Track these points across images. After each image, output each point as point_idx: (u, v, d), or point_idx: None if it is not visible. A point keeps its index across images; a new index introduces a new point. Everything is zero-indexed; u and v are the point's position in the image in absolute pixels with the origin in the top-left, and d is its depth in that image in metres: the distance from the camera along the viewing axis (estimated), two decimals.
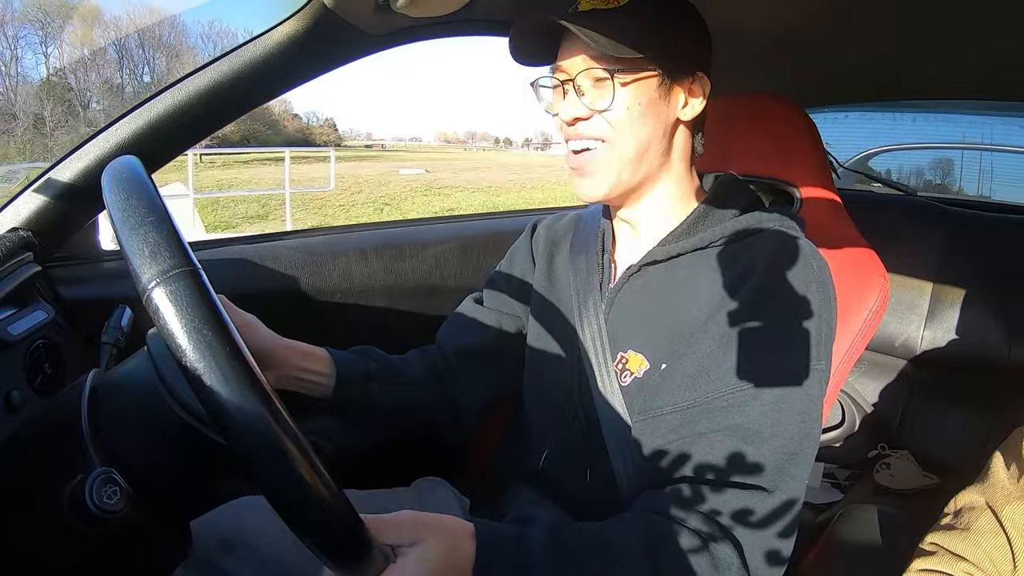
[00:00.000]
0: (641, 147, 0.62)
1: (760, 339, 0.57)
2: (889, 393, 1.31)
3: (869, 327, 0.74)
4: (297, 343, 0.68)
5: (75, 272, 0.86)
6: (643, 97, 0.60)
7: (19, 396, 0.63)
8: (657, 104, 0.61)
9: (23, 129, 16.54)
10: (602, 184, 0.63)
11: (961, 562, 0.65)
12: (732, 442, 0.55)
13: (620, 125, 0.60)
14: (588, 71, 0.60)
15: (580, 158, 0.63)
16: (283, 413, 0.40)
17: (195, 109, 0.77)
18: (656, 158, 0.63)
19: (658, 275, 0.65)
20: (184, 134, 0.80)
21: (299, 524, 0.41)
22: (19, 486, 0.47)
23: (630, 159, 0.62)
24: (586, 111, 0.61)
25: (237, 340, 0.39)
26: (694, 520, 0.54)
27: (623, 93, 0.60)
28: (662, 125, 0.62)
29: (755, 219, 0.63)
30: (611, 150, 0.61)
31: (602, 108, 0.60)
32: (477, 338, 0.78)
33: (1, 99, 18.97)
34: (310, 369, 0.68)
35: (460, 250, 1.15)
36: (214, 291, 0.41)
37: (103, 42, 21.88)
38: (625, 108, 0.60)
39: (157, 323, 0.38)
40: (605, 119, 0.60)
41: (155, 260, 0.39)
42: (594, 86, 0.60)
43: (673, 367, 0.60)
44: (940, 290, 1.26)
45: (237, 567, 0.62)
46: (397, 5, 0.71)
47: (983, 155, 1.76)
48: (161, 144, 0.79)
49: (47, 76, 21.41)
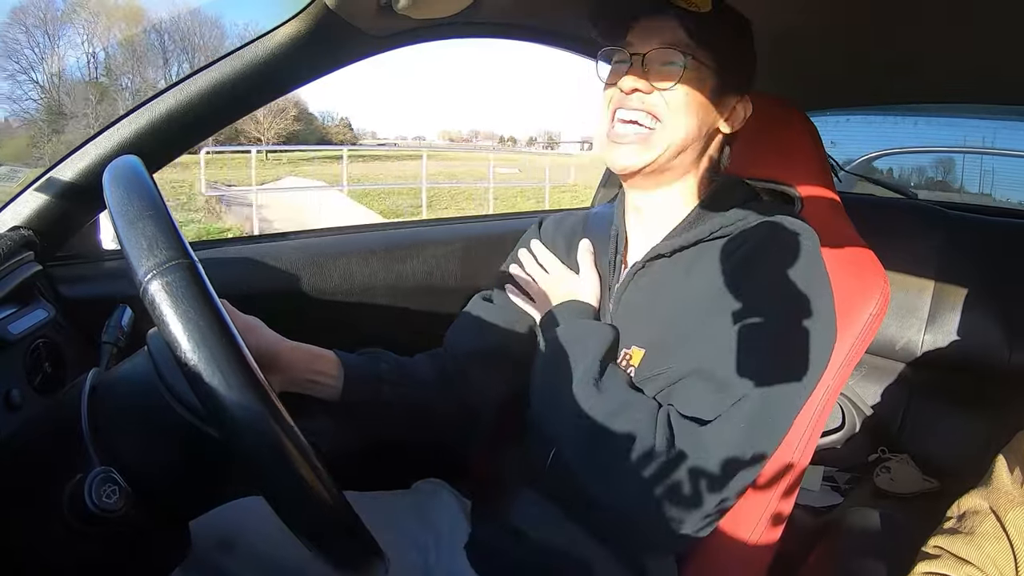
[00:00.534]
0: (687, 138, 0.65)
1: (749, 313, 0.59)
2: (889, 396, 1.30)
3: (869, 330, 0.74)
4: (303, 345, 0.68)
5: (76, 271, 0.86)
6: (699, 95, 0.64)
7: (19, 395, 0.63)
8: (707, 107, 0.65)
9: (77, 127, 16.59)
10: (643, 157, 0.65)
11: (965, 566, 0.64)
12: (705, 386, 0.58)
13: (675, 108, 0.64)
14: (662, 50, 0.64)
15: (627, 128, 0.65)
16: (278, 406, 0.40)
17: (197, 109, 0.77)
18: (693, 154, 0.67)
19: (662, 270, 0.67)
20: (185, 134, 0.80)
21: (298, 524, 0.41)
22: (18, 485, 0.47)
23: (674, 145, 0.65)
24: (647, 86, 0.64)
25: (233, 332, 0.39)
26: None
27: (687, 80, 0.63)
28: (706, 126, 0.66)
29: (756, 210, 0.66)
30: (660, 132, 0.64)
31: (664, 87, 0.63)
32: (487, 338, 0.77)
33: (50, 99, 19.02)
34: (319, 370, 0.68)
35: (462, 251, 1.15)
36: (215, 292, 0.41)
37: (145, 42, 21.90)
38: (684, 94, 0.64)
39: (153, 314, 0.38)
40: (663, 97, 0.63)
41: (152, 253, 0.39)
42: (660, 67, 0.64)
43: (664, 342, 0.64)
44: (941, 293, 1.26)
45: (236, 567, 0.62)
46: (399, 7, 0.71)
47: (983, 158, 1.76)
48: (162, 144, 0.79)
49: (95, 77, 21.45)
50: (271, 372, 0.64)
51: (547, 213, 0.87)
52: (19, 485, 0.47)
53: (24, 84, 19.05)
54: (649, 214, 0.70)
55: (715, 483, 0.57)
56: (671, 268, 0.66)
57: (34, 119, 18.13)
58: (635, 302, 0.68)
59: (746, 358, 0.58)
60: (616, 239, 0.73)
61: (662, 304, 0.65)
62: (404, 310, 1.09)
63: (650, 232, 0.70)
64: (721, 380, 0.58)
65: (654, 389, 0.63)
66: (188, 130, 0.80)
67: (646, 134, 0.64)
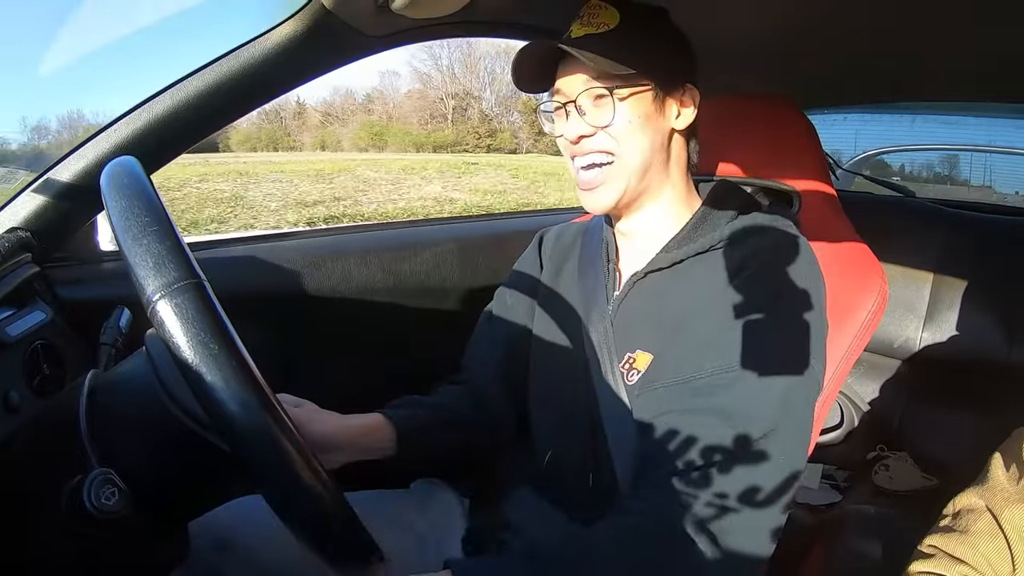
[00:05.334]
0: (645, 158, 0.65)
1: (751, 326, 0.59)
2: (888, 394, 1.31)
3: (867, 328, 0.74)
4: (353, 420, 0.67)
5: (74, 273, 0.86)
6: (640, 110, 0.64)
7: (18, 397, 0.63)
8: (653, 116, 0.65)
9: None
10: (611, 196, 0.65)
11: (959, 565, 0.64)
12: (715, 422, 0.56)
13: (623, 138, 0.63)
14: (588, 90, 0.63)
15: (589, 174, 0.65)
16: (289, 424, 0.40)
17: (194, 110, 0.77)
18: (658, 167, 0.67)
19: (662, 280, 0.67)
20: (183, 134, 0.80)
21: (297, 524, 0.41)
22: (17, 487, 0.47)
23: (636, 170, 0.65)
24: (589, 128, 0.64)
25: (243, 353, 0.40)
26: (673, 508, 0.54)
27: (622, 108, 0.63)
28: (660, 136, 0.66)
29: (750, 220, 0.66)
30: (618, 163, 0.64)
31: (604, 124, 0.63)
32: (502, 358, 0.78)
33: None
34: (374, 441, 0.68)
35: (460, 251, 1.15)
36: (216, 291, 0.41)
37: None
38: (626, 122, 0.63)
39: (162, 336, 0.38)
40: (608, 134, 0.63)
41: (159, 272, 0.39)
42: (594, 104, 0.64)
43: (670, 351, 0.62)
44: (939, 291, 1.26)
45: (234, 568, 0.62)
46: (396, 7, 0.71)
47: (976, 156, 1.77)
48: (160, 144, 0.79)
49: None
50: (330, 453, 0.64)
51: (547, 213, 0.87)
52: (18, 487, 0.47)
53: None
54: (639, 233, 0.70)
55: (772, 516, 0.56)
56: (670, 278, 0.66)
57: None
58: (637, 308, 0.67)
59: (760, 376, 0.56)
60: (607, 249, 0.73)
61: (667, 310, 0.65)
62: (403, 310, 1.09)
63: (643, 244, 0.70)
64: (729, 412, 0.56)
65: (659, 400, 0.60)
66: (186, 131, 0.80)
67: (607, 171, 0.64)
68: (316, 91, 22.24)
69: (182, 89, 0.77)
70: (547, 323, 0.76)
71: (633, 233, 0.70)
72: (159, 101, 0.77)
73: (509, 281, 0.83)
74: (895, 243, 1.25)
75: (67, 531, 0.44)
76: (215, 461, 0.48)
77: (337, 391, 0.76)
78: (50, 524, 0.45)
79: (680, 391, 0.59)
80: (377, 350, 1.06)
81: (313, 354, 1.03)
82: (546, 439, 0.72)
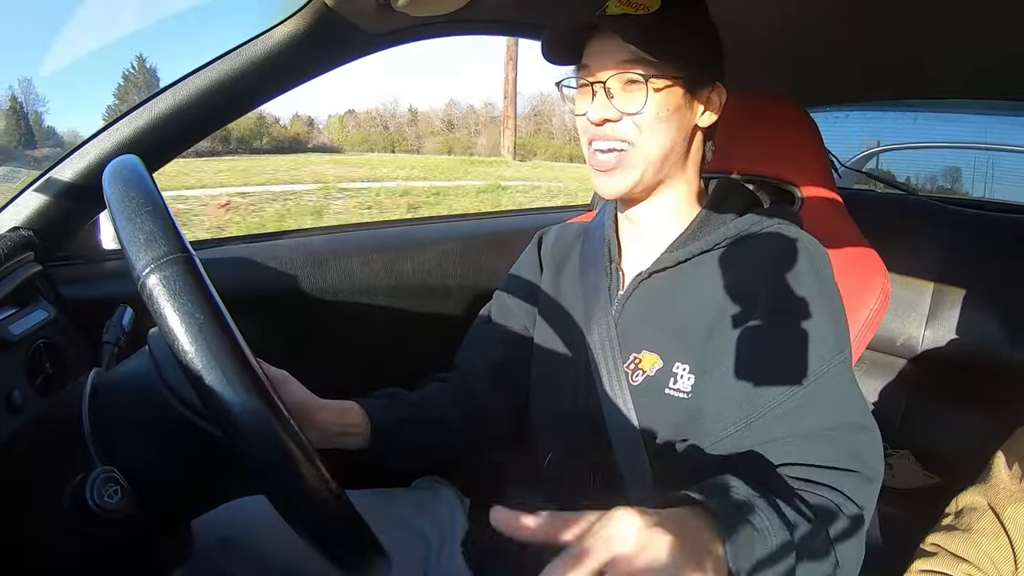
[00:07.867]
0: (665, 151, 0.63)
1: (790, 340, 0.59)
2: (890, 392, 1.30)
3: (870, 326, 0.74)
4: (330, 402, 0.66)
5: (76, 272, 0.86)
6: (671, 103, 0.62)
7: (20, 396, 0.63)
8: (681, 110, 0.63)
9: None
10: (626, 182, 0.63)
11: (962, 563, 0.64)
12: (805, 444, 0.56)
13: (648, 129, 0.61)
14: (621, 74, 0.60)
15: (607, 158, 0.63)
16: (275, 397, 0.40)
17: (196, 108, 0.77)
18: (675, 162, 0.65)
19: (667, 279, 0.66)
20: (185, 133, 0.80)
21: (300, 523, 0.41)
22: (20, 485, 0.47)
23: (654, 161, 0.63)
24: (616, 113, 0.61)
25: (230, 325, 0.40)
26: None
27: (654, 98, 0.60)
28: (684, 131, 0.64)
29: (754, 220, 0.65)
30: (637, 153, 0.62)
31: (633, 111, 0.61)
32: (496, 359, 0.77)
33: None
34: (347, 423, 0.66)
35: (462, 250, 1.14)
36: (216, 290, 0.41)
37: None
38: (655, 112, 0.61)
39: (150, 308, 0.39)
40: (634, 122, 0.61)
41: (150, 247, 0.39)
42: (624, 89, 0.61)
43: (707, 381, 0.61)
44: (941, 289, 1.25)
45: (238, 566, 0.62)
46: (398, 4, 0.71)
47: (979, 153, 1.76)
48: (162, 143, 0.79)
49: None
50: (301, 425, 0.63)
51: (547, 213, 0.86)
52: (21, 486, 0.47)
53: None
54: (645, 225, 0.69)
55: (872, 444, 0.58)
56: (675, 278, 0.66)
57: None
58: (641, 309, 0.67)
59: (827, 403, 0.57)
60: (608, 248, 0.72)
61: (673, 311, 0.64)
62: (403, 309, 1.09)
63: (647, 242, 0.69)
64: (815, 431, 0.56)
65: (732, 443, 0.59)
66: (188, 129, 0.80)
67: (625, 156, 0.62)
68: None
69: (183, 88, 0.77)
70: (548, 324, 0.75)
71: (640, 221, 0.69)
72: (161, 100, 0.76)
73: (507, 283, 0.81)
74: (897, 241, 1.24)
75: (70, 530, 0.44)
76: (218, 458, 0.48)
77: (338, 390, 0.75)
78: (53, 523, 0.45)
79: (756, 428, 0.58)
80: (379, 349, 1.06)
81: (314, 354, 1.02)
82: (547, 439, 0.72)
